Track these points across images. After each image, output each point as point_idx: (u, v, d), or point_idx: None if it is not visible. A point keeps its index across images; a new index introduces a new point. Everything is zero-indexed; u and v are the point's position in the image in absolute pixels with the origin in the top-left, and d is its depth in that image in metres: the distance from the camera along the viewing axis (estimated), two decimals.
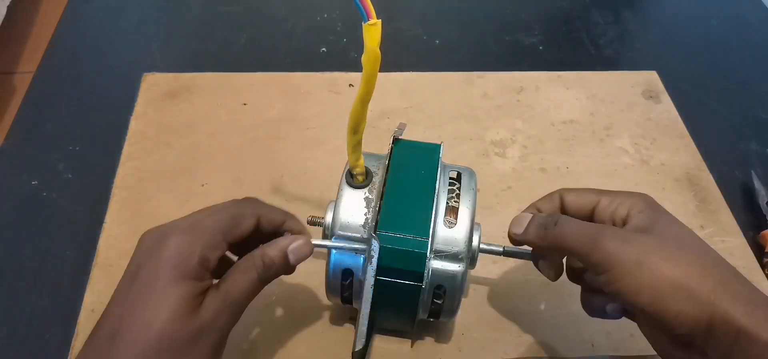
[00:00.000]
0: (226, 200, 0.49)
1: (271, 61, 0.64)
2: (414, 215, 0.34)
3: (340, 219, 0.35)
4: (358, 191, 0.36)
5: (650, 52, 0.69)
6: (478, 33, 0.70)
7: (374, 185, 0.36)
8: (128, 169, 0.52)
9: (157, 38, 0.67)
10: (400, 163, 0.37)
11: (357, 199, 0.35)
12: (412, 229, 0.34)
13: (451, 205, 0.36)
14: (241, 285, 0.31)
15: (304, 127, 0.56)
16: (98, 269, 0.45)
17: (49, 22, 1.65)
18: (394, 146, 0.38)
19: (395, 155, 0.37)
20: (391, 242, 0.33)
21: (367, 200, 0.35)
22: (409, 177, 0.36)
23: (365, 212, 0.35)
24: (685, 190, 0.53)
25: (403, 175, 0.36)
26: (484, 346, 0.42)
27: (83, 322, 0.42)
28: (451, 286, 0.35)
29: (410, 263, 0.33)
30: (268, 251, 0.32)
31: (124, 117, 0.56)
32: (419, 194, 0.35)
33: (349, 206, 0.35)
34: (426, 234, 0.34)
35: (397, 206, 0.35)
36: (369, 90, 0.31)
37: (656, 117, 0.59)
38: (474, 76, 0.62)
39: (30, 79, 0.61)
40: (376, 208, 0.35)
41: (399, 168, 0.37)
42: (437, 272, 0.34)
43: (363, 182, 0.36)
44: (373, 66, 0.30)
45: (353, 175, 0.36)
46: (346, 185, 0.36)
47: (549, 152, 0.55)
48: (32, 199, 0.50)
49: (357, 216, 0.35)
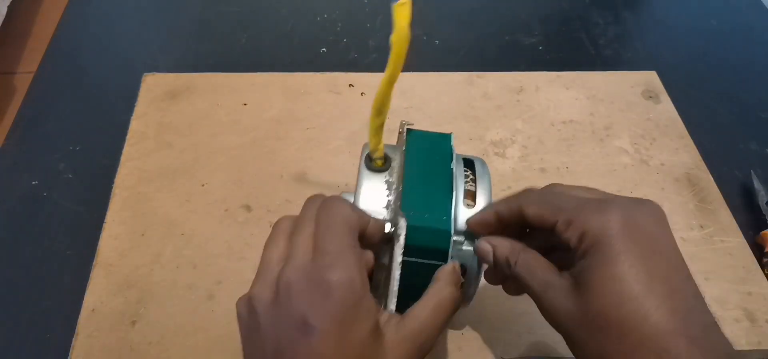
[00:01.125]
0: (226, 200, 0.50)
1: (272, 62, 0.64)
2: (435, 196, 0.34)
3: (361, 203, 0.35)
4: (379, 175, 0.36)
5: (650, 52, 0.69)
6: (478, 33, 0.70)
7: (394, 170, 0.36)
8: (128, 169, 0.52)
9: (157, 38, 0.67)
10: (414, 150, 0.37)
11: (378, 183, 0.35)
12: (434, 209, 0.34)
13: (468, 188, 0.36)
14: (428, 310, 0.30)
15: (304, 127, 0.56)
16: (98, 269, 0.45)
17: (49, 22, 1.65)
18: (407, 135, 0.38)
19: (409, 142, 0.38)
20: (416, 220, 0.33)
21: (388, 183, 0.35)
22: (425, 163, 0.36)
23: (387, 195, 0.35)
24: (685, 190, 0.53)
25: (420, 160, 0.36)
26: (484, 346, 0.42)
27: (83, 322, 0.42)
28: (471, 266, 0.35)
29: (436, 240, 0.33)
30: (446, 274, 0.32)
31: (125, 117, 0.56)
32: (437, 177, 0.35)
33: (371, 191, 0.35)
34: (448, 213, 0.34)
35: (418, 189, 0.35)
36: (396, 71, 0.31)
37: (656, 117, 0.59)
38: (474, 77, 0.62)
39: (30, 79, 0.61)
40: (399, 189, 0.35)
41: (414, 154, 0.37)
42: (460, 251, 0.35)
43: (382, 167, 0.36)
44: (402, 46, 0.29)
45: (373, 159, 0.36)
46: (365, 170, 0.36)
47: (549, 152, 0.55)
48: (32, 199, 0.50)
49: (379, 199, 0.35)
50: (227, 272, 0.45)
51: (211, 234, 0.47)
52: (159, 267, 0.45)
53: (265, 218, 0.49)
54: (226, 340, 0.41)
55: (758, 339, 0.43)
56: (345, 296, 0.26)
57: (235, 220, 0.48)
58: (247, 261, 0.46)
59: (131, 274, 0.45)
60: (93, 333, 0.42)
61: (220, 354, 0.41)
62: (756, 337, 0.43)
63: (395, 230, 0.33)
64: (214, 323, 0.42)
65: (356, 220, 0.30)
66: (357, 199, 0.35)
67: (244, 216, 0.49)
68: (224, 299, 0.44)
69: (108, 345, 0.41)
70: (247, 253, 0.46)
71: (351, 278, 0.27)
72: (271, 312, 0.27)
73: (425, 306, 0.31)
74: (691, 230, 0.50)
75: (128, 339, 0.41)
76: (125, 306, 0.43)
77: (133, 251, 0.46)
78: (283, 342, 0.27)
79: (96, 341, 0.41)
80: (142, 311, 0.43)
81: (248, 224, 0.48)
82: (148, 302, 0.43)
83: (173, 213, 0.49)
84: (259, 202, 0.50)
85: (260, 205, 0.49)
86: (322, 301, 0.26)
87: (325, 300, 0.26)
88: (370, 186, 0.35)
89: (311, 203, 0.31)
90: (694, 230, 0.50)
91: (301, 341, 0.26)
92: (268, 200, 0.50)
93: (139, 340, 0.41)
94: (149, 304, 0.43)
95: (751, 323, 0.44)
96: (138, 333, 0.42)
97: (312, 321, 0.26)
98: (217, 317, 0.43)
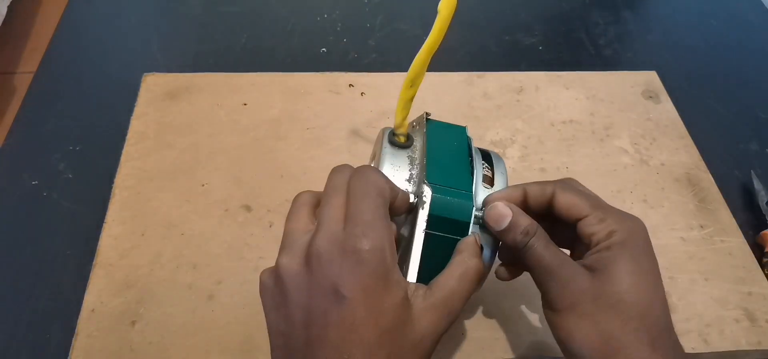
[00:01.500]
0: (226, 200, 0.50)
1: (272, 62, 0.64)
2: (457, 173, 0.35)
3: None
4: (402, 151, 0.36)
5: (650, 52, 0.69)
6: (478, 33, 0.70)
7: (416, 147, 0.36)
8: (129, 169, 0.52)
9: (157, 38, 0.67)
10: (435, 134, 0.37)
11: (401, 158, 0.36)
12: (457, 183, 0.34)
13: (485, 173, 0.36)
14: (453, 281, 0.31)
15: (304, 127, 0.56)
16: (98, 269, 0.45)
17: (49, 22, 1.65)
18: (427, 122, 0.38)
19: (429, 128, 0.38)
20: (440, 192, 0.33)
21: (411, 158, 0.36)
22: (445, 146, 0.37)
23: (410, 168, 0.35)
24: (685, 190, 0.53)
25: (441, 143, 0.37)
26: (484, 346, 0.42)
27: (83, 322, 0.42)
28: (487, 244, 0.35)
29: (458, 212, 0.34)
30: (468, 243, 0.33)
31: (125, 117, 0.56)
32: (458, 157, 0.36)
33: (395, 164, 0.35)
34: (469, 189, 0.34)
35: (441, 165, 0.35)
36: (440, 37, 0.31)
37: (656, 117, 0.59)
38: (474, 76, 0.62)
39: (30, 79, 0.61)
40: (422, 163, 0.35)
41: (435, 138, 0.37)
42: (478, 230, 0.35)
43: (405, 143, 0.36)
44: (449, 11, 0.29)
45: (396, 134, 0.36)
46: (388, 145, 0.36)
47: (549, 152, 0.55)
48: (32, 199, 0.50)
49: (402, 173, 0.35)
50: (227, 272, 0.45)
51: (211, 234, 0.47)
52: (159, 267, 0.45)
53: (265, 218, 0.49)
54: (226, 340, 0.41)
55: (758, 339, 0.43)
56: (377, 265, 0.27)
57: (235, 220, 0.48)
58: (247, 261, 0.46)
59: (131, 274, 0.45)
60: (93, 333, 0.42)
61: (220, 354, 0.41)
62: (756, 337, 0.43)
63: (419, 200, 0.33)
64: (214, 323, 0.42)
65: (389, 190, 0.30)
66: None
67: (244, 216, 0.49)
68: (224, 299, 0.44)
69: (108, 345, 0.41)
70: (247, 253, 0.46)
71: (383, 247, 0.27)
72: (300, 281, 0.27)
73: (451, 274, 0.31)
74: (691, 230, 0.50)
75: (128, 339, 0.41)
76: (125, 306, 0.43)
77: (133, 251, 0.46)
78: (314, 310, 0.27)
79: (96, 341, 0.41)
80: (142, 311, 0.43)
81: (248, 224, 0.48)
82: (148, 302, 0.43)
83: (173, 213, 0.49)
84: (259, 202, 0.50)
85: (260, 205, 0.49)
86: (353, 270, 0.26)
87: (356, 269, 0.26)
88: (394, 161, 0.35)
89: (339, 173, 0.31)
90: (694, 230, 0.50)
91: (332, 309, 0.26)
92: (268, 200, 0.50)
93: (139, 340, 0.41)
94: (149, 304, 0.43)
95: (751, 323, 0.44)
96: (138, 333, 0.42)
97: (343, 289, 0.26)
98: (217, 317, 0.43)
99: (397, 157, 0.36)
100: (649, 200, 0.52)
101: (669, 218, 0.51)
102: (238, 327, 0.42)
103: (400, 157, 0.36)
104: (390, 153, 0.36)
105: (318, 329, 0.26)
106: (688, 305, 0.45)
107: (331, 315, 0.26)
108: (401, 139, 0.36)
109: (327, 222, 0.28)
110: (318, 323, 0.26)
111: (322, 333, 0.26)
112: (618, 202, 0.51)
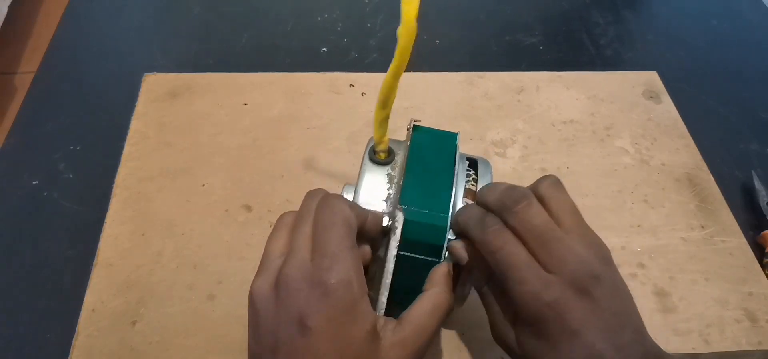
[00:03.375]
0: (226, 200, 0.50)
1: (272, 61, 0.64)
2: (435, 192, 0.35)
3: (362, 195, 0.35)
4: (381, 168, 0.36)
5: (650, 52, 0.69)
6: (479, 33, 0.70)
7: (396, 164, 0.36)
8: (129, 169, 0.52)
9: (157, 38, 0.67)
10: (419, 146, 0.37)
11: (380, 175, 0.35)
12: (433, 205, 0.34)
13: (469, 187, 0.36)
14: (422, 315, 0.30)
15: (304, 127, 0.56)
16: (99, 269, 0.45)
17: (49, 22, 1.66)
18: (413, 131, 0.38)
19: (414, 138, 0.38)
20: (414, 215, 0.33)
21: (390, 176, 0.35)
22: (428, 159, 0.36)
23: (388, 188, 0.35)
24: (686, 190, 0.53)
25: (423, 157, 0.36)
26: (485, 346, 0.42)
27: (83, 322, 0.42)
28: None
29: (431, 236, 0.34)
30: (439, 276, 0.32)
31: (125, 117, 0.56)
32: (439, 174, 0.36)
33: (372, 182, 0.35)
34: (446, 210, 0.34)
35: (419, 184, 0.35)
36: (402, 63, 0.30)
37: (656, 117, 0.59)
38: (474, 76, 0.62)
39: (31, 79, 0.61)
40: (399, 183, 0.35)
41: (419, 150, 0.37)
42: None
43: (386, 160, 0.36)
44: (409, 39, 0.29)
45: (377, 151, 0.36)
46: (368, 162, 0.36)
47: (549, 152, 0.55)
48: (33, 199, 0.50)
49: (379, 192, 0.35)
50: (227, 272, 0.45)
51: (211, 234, 0.47)
52: (159, 267, 0.45)
53: (265, 218, 0.49)
54: (226, 340, 0.41)
55: (759, 339, 0.43)
56: (342, 297, 0.27)
57: (235, 220, 0.48)
58: (247, 261, 0.46)
59: (131, 274, 0.45)
60: (93, 333, 0.42)
61: (220, 354, 0.41)
62: (756, 337, 0.43)
63: (392, 223, 0.33)
64: (214, 323, 0.42)
65: (355, 219, 0.30)
66: (358, 190, 0.35)
67: (244, 216, 0.49)
68: (224, 299, 0.44)
69: (108, 345, 0.41)
70: (247, 253, 0.46)
71: (349, 280, 0.27)
72: (270, 306, 0.28)
73: (422, 309, 0.31)
74: (692, 230, 0.50)
75: (128, 339, 0.41)
76: (125, 306, 0.43)
77: (134, 251, 0.46)
78: (281, 337, 0.27)
79: (96, 341, 0.41)
80: (142, 311, 0.43)
81: (248, 224, 0.48)
82: (149, 302, 0.43)
83: (173, 213, 0.49)
84: (259, 202, 0.50)
85: (260, 205, 0.49)
86: (319, 302, 0.26)
87: (322, 301, 0.26)
88: (372, 178, 0.35)
89: (311, 198, 0.31)
90: (694, 231, 0.50)
91: (298, 339, 0.26)
92: (268, 200, 0.50)
93: (139, 340, 0.41)
94: (149, 304, 0.43)
95: (751, 323, 0.44)
96: (138, 333, 0.42)
97: (309, 321, 0.26)
98: (217, 317, 0.43)
99: (375, 174, 0.35)
100: (650, 200, 0.52)
101: (670, 219, 0.51)
102: (238, 327, 0.42)
103: (378, 174, 0.35)
104: (368, 171, 0.36)
105: (284, 356, 0.27)
106: (688, 305, 0.45)
107: (297, 344, 0.26)
108: (381, 155, 0.36)
109: (297, 251, 0.28)
110: (284, 350, 0.27)
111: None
112: (618, 202, 0.51)
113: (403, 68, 0.31)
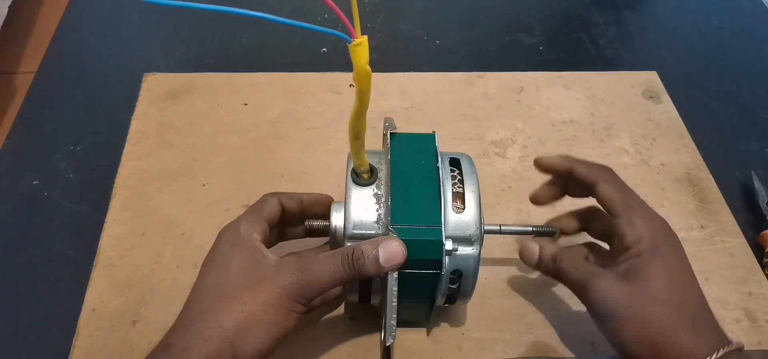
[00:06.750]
0: (226, 200, 0.50)
1: (272, 62, 0.64)
2: (424, 205, 0.35)
3: (352, 218, 0.35)
4: (366, 188, 0.36)
5: (650, 52, 0.69)
6: (478, 33, 0.70)
7: (381, 181, 0.36)
8: (129, 169, 0.52)
9: (158, 38, 0.67)
10: (400, 156, 0.37)
11: (366, 196, 0.35)
12: (424, 219, 0.34)
13: (456, 191, 0.36)
14: (319, 260, 0.33)
15: (304, 127, 0.56)
16: (99, 269, 0.45)
17: (50, 22, 1.66)
18: (390, 141, 0.38)
19: (393, 148, 0.38)
20: (408, 234, 0.33)
21: (377, 196, 0.35)
22: (411, 169, 0.36)
23: (377, 208, 0.35)
24: (685, 190, 0.53)
25: (406, 167, 0.36)
26: (484, 346, 0.42)
27: (83, 322, 0.42)
28: (467, 269, 0.35)
29: (429, 252, 0.34)
30: (362, 244, 0.33)
31: (125, 117, 0.56)
32: (425, 184, 0.36)
33: (360, 204, 0.35)
34: (439, 222, 0.34)
35: (407, 199, 0.35)
36: (364, 104, 0.32)
37: (656, 117, 0.59)
38: (474, 77, 0.62)
39: (31, 79, 0.62)
40: (387, 203, 0.35)
41: (400, 161, 0.37)
42: (453, 257, 0.35)
43: (369, 180, 0.36)
44: (365, 84, 0.30)
45: (359, 174, 0.36)
46: (353, 184, 0.36)
47: (549, 152, 0.55)
48: (33, 199, 0.50)
49: (369, 213, 0.35)
50: None
51: (212, 234, 0.47)
52: (159, 267, 0.45)
53: None
54: None
55: (759, 339, 0.43)
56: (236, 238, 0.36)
57: None
58: None
59: (132, 274, 0.45)
60: (93, 333, 0.42)
61: None
62: (756, 337, 0.43)
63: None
64: None
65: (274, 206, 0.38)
66: (348, 215, 0.35)
67: None
68: None
69: (108, 345, 0.41)
70: None
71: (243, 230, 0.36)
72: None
73: (323, 267, 0.33)
74: (692, 230, 0.50)
75: (129, 339, 0.41)
76: (126, 306, 0.43)
77: (134, 251, 0.46)
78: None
79: (96, 341, 0.41)
80: (142, 311, 0.43)
81: None
82: (149, 302, 0.43)
83: (174, 213, 0.49)
84: None
85: None
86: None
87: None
88: (359, 200, 0.35)
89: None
90: (694, 231, 0.50)
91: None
92: None
93: (139, 340, 0.41)
94: (150, 304, 0.43)
95: (751, 323, 0.44)
96: (138, 333, 0.42)
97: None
98: None
99: (362, 194, 0.35)
100: (650, 200, 0.51)
101: (669, 219, 0.50)
102: None
103: (365, 195, 0.35)
104: (355, 192, 0.36)
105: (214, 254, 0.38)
106: None
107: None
108: (365, 176, 0.36)
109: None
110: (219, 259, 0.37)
111: None
112: None
113: (365, 107, 0.32)
